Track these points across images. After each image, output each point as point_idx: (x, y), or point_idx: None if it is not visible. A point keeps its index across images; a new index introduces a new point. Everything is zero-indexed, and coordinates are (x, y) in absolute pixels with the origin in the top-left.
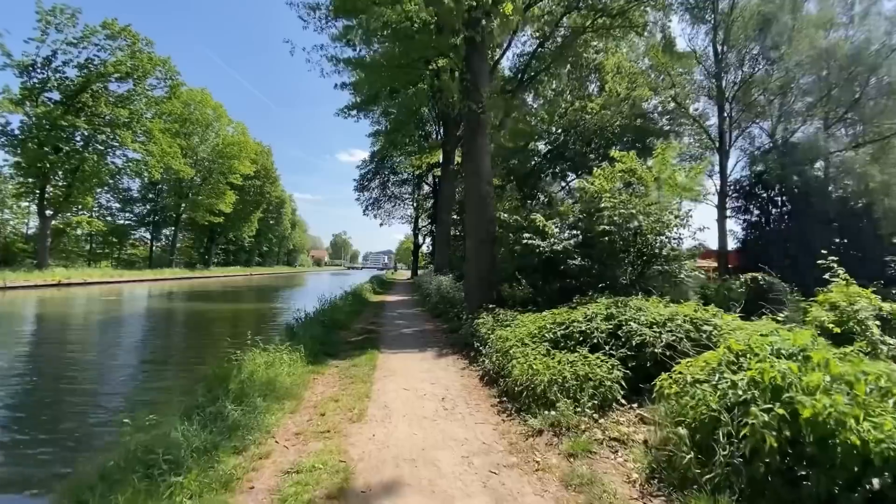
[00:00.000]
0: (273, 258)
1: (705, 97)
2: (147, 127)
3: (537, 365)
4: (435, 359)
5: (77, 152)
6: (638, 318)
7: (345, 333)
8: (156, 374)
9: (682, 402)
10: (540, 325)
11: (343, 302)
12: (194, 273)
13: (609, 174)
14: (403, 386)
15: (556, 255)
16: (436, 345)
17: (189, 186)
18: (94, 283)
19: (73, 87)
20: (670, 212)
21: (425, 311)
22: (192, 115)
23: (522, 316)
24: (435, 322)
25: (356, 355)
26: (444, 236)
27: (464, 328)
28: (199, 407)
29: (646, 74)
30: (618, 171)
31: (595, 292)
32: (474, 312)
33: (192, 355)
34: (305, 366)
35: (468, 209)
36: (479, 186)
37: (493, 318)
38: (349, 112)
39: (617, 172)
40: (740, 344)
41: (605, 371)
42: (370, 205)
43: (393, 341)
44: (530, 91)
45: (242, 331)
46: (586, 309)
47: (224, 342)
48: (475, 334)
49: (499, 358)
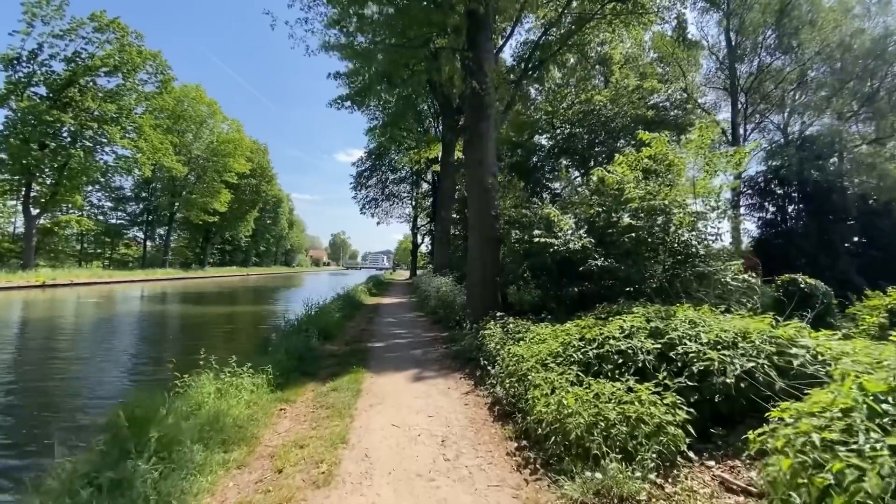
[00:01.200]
0: (270, 258)
1: (717, 89)
2: (137, 123)
3: (568, 399)
4: (433, 378)
5: (63, 149)
6: (695, 336)
7: (330, 345)
8: (96, 399)
9: (804, 477)
10: (563, 340)
11: (334, 306)
12: (188, 273)
13: (634, 160)
14: (393, 420)
15: (573, 255)
16: (434, 359)
17: (183, 185)
18: (81, 284)
19: (59, 82)
20: (707, 202)
21: (423, 316)
22: (186, 111)
23: (538, 327)
24: (434, 329)
25: (339, 375)
26: (443, 235)
27: (466, 339)
28: (93, 473)
29: (654, 66)
30: (645, 156)
31: (623, 298)
32: (478, 320)
33: (154, 370)
34: (272, 392)
35: (470, 203)
36: (482, 177)
37: (502, 328)
38: (342, 103)
39: (644, 158)
40: (878, 382)
41: (664, 411)
42: (367, 203)
43: (385, 354)
44: (534, 82)
45: (226, 338)
46: (622, 321)
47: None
48: (481, 348)
49: (513, 384)
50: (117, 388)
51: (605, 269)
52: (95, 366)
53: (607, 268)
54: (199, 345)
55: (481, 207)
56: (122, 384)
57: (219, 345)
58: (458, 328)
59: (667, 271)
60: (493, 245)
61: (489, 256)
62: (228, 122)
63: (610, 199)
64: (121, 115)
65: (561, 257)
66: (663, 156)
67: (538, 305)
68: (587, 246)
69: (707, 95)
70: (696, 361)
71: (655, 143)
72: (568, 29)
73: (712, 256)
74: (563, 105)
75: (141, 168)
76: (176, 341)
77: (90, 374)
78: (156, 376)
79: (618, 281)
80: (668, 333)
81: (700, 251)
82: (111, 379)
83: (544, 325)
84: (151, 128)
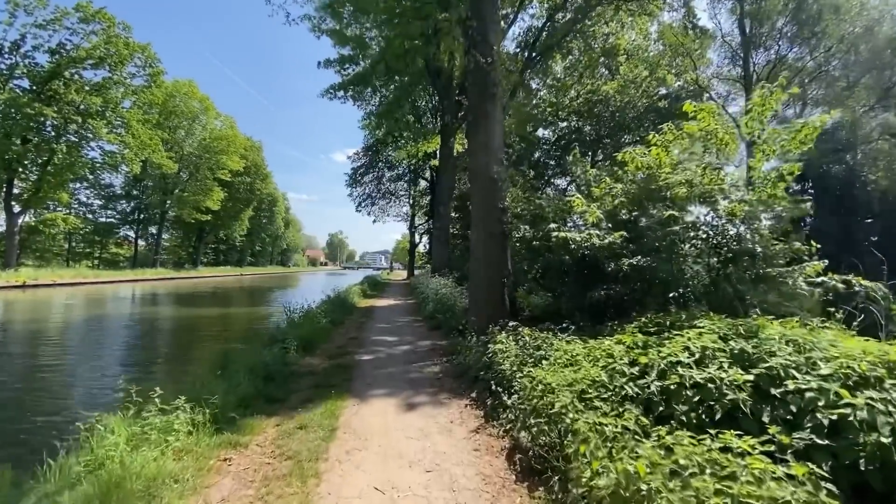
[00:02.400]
0: (266, 258)
1: (730, 80)
2: (124, 117)
3: (638, 466)
4: (431, 406)
5: (47, 143)
6: (808, 365)
7: (311, 357)
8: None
9: None
10: (606, 364)
11: (322, 310)
12: (180, 273)
13: (674, 138)
14: (376, 480)
15: (599, 252)
16: (433, 378)
17: (175, 182)
18: (65, 285)
19: (42, 74)
20: (763, 188)
21: (420, 320)
22: (178, 107)
23: (561, 342)
24: (432, 337)
25: (314, 401)
26: (442, 233)
27: (471, 353)
28: None
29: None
30: (689, 133)
31: (658, 305)
32: (485, 330)
33: (101, 387)
34: (217, 432)
35: (474, 195)
36: (487, 166)
37: (516, 341)
38: (336, 92)
39: (686, 135)
40: None
41: (795, 492)
42: (363, 200)
43: (374, 371)
44: (538, 72)
45: (201, 345)
46: (685, 338)
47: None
48: (491, 367)
49: (542, 426)
50: (49, 408)
51: (640, 268)
52: (38, 382)
53: (643, 267)
54: (169, 353)
55: (486, 199)
56: (58, 404)
57: (189, 355)
58: (459, 336)
59: (712, 271)
60: (499, 242)
61: (495, 255)
62: (222, 118)
63: (636, 187)
64: (106, 108)
65: (583, 256)
66: (711, 132)
67: (552, 311)
68: (617, 241)
69: (717, 88)
70: (822, 406)
71: (702, 116)
72: (574, 15)
73: (772, 255)
74: (568, 97)
75: (129, 164)
76: (145, 349)
77: (32, 390)
78: (102, 396)
79: (650, 284)
80: (763, 360)
81: (756, 248)
82: (49, 400)
83: (569, 339)
84: (140, 122)
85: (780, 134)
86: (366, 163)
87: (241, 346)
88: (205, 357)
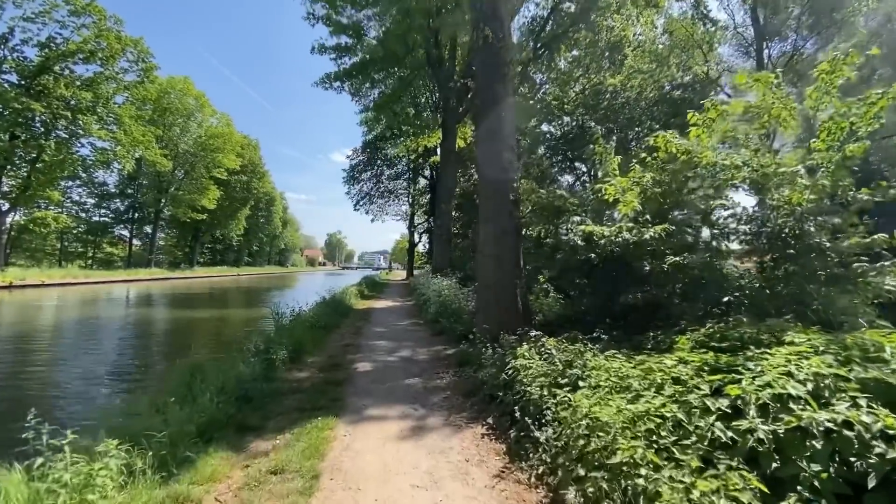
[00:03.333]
0: (264, 258)
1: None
2: (115, 113)
3: None
4: (441, 438)
5: (35, 139)
6: None
7: (299, 370)
8: None
9: None
10: (674, 392)
11: (316, 312)
12: (175, 273)
13: (718, 115)
14: None
15: (631, 250)
16: (440, 396)
17: (169, 181)
18: (53, 285)
19: (31, 69)
20: (827, 172)
21: (421, 324)
22: (172, 103)
23: (600, 358)
24: (435, 343)
25: (295, 431)
26: (443, 231)
27: (486, 366)
28: None
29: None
30: (735, 110)
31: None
32: (497, 338)
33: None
34: (160, 485)
35: (482, 187)
36: (497, 154)
37: (540, 354)
38: (331, 82)
39: (731, 113)
40: None
41: None
42: (361, 199)
43: (370, 386)
44: (542, 65)
45: (182, 352)
46: (781, 359)
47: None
48: (511, 386)
49: (599, 482)
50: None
51: (682, 267)
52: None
53: (684, 266)
54: (144, 364)
55: (496, 192)
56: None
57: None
58: (466, 343)
59: (766, 271)
60: (511, 239)
61: (507, 253)
62: (217, 115)
63: (669, 175)
64: (97, 104)
65: (610, 255)
66: (763, 108)
67: (570, 317)
68: (657, 236)
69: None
70: None
71: (758, 87)
72: (579, 5)
73: (844, 251)
74: (574, 90)
75: (121, 161)
76: (119, 358)
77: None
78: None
79: (695, 286)
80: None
81: (824, 244)
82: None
83: (609, 355)
84: (132, 119)
85: (852, 107)
86: (364, 160)
87: (224, 354)
88: (200, 359)
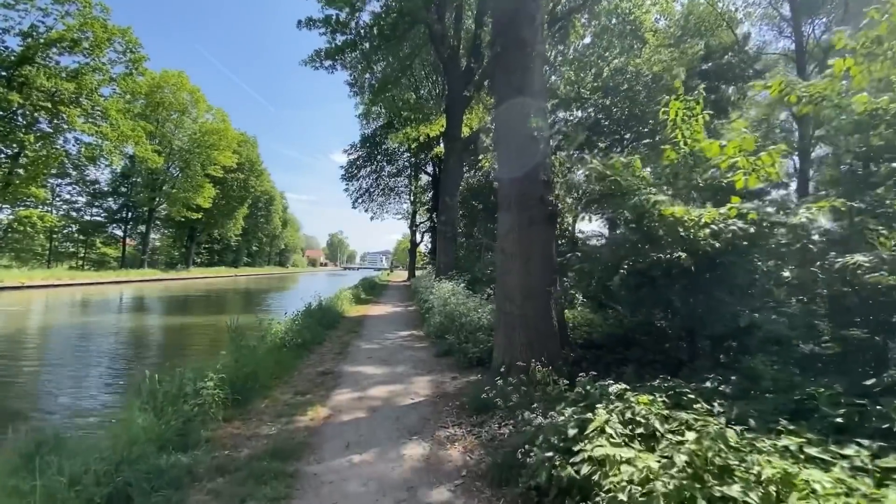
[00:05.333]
0: (263, 258)
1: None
2: (102, 106)
3: None
4: None
5: (13, 133)
6: None
7: (239, 422)
8: None
9: None
10: None
11: (295, 324)
12: (169, 274)
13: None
14: None
15: (741, 248)
16: (454, 481)
17: (163, 179)
18: (34, 287)
19: (12, 59)
20: None
21: (423, 338)
22: (166, 98)
23: (750, 442)
24: (440, 369)
25: None
26: (448, 228)
27: (521, 429)
28: None
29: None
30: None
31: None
32: (527, 368)
33: None
34: None
35: (503, 163)
36: (523, 116)
37: (623, 421)
38: (322, 61)
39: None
40: None
41: None
42: (360, 196)
43: (340, 461)
44: (556, 44)
45: (137, 368)
46: None
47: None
48: (587, 493)
49: None
50: None
51: None
52: None
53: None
54: (70, 396)
55: (522, 167)
56: None
57: (103, 391)
58: (483, 373)
59: None
60: (542, 231)
61: (537, 251)
62: (213, 111)
63: None
64: (80, 95)
65: (711, 248)
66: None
67: (622, 338)
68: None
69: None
70: None
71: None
72: None
73: None
74: (592, 72)
75: (108, 157)
76: (41, 385)
77: None
78: None
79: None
80: None
81: None
82: None
83: (773, 442)
84: (119, 112)
85: None
86: (363, 155)
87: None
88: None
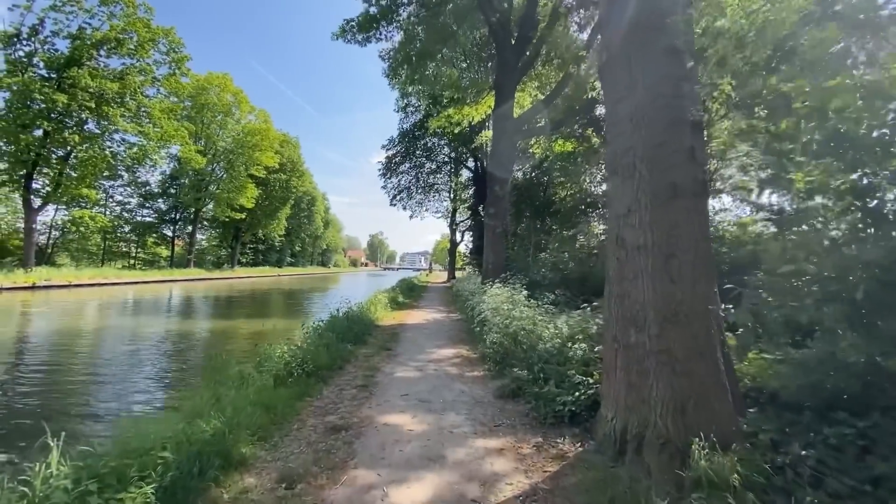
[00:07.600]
0: (306, 258)
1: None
2: (145, 106)
3: None
4: None
5: (58, 132)
6: None
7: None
8: None
9: None
10: None
11: (316, 340)
12: (214, 273)
13: None
14: None
15: None
16: None
17: (209, 179)
18: (81, 286)
19: (61, 61)
20: None
21: (477, 361)
22: (210, 100)
23: None
24: (513, 421)
25: None
26: (498, 221)
27: None
28: None
29: None
30: None
31: None
32: (688, 451)
33: None
34: None
35: (618, 87)
36: (652, 36)
37: None
38: (354, 34)
39: None
40: None
41: None
42: (398, 193)
43: None
44: None
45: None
46: None
47: None
48: None
49: None
50: None
51: None
52: None
53: None
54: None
55: (655, 97)
56: None
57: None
58: (578, 430)
59: None
60: (693, 208)
61: (687, 240)
62: (256, 112)
63: None
64: (125, 95)
65: None
66: None
67: (834, 391)
68: None
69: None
70: None
71: None
72: None
73: None
74: None
75: (152, 157)
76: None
77: None
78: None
79: None
80: None
81: None
82: None
83: None
84: (164, 113)
85: None
86: (401, 150)
87: None
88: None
